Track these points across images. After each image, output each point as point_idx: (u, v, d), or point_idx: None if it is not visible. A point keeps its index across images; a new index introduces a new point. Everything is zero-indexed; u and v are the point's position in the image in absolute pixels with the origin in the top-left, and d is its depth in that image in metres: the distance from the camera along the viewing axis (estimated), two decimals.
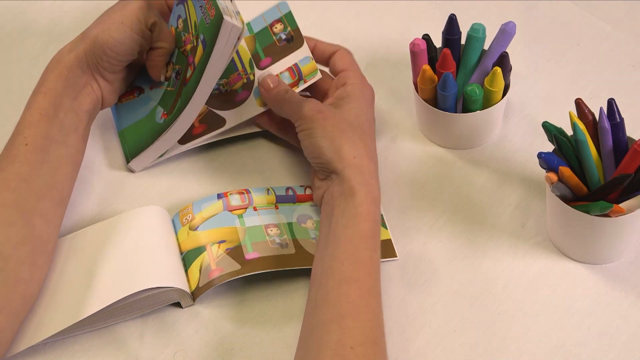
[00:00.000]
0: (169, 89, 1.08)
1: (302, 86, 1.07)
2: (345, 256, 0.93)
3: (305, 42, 1.09)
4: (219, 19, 0.99)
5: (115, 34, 1.03)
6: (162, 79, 1.09)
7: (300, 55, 1.09)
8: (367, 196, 0.96)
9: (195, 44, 1.04)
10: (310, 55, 1.09)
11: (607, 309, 0.98)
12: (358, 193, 0.96)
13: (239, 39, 1.00)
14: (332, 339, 0.88)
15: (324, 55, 1.09)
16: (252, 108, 1.09)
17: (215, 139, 1.10)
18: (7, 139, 1.12)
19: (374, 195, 0.97)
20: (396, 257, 1.02)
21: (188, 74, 1.05)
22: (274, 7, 1.12)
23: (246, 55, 1.11)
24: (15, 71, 1.20)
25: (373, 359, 0.88)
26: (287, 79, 1.07)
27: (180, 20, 1.07)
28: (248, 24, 1.13)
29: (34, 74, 1.19)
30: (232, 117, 1.09)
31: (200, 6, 1.03)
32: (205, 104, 1.09)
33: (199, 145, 1.10)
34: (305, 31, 1.20)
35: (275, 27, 1.11)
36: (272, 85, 1.05)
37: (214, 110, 1.09)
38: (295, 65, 1.08)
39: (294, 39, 1.09)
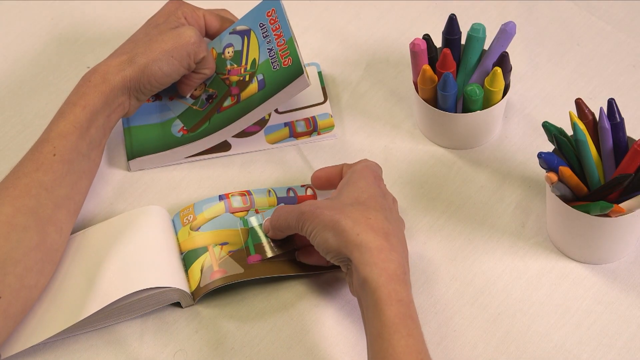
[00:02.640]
0: (195, 107, 1.10)
1: (315, 137, 1.11)
2: (380, 355, 0.86)
3: (328, 100, 1.13)
4: (297, 72, 1.04)
5: (164, 67, 1.03)
6: (188, 95, 1.10)
7: (321, 111, 1.13)
8: (380, 277, 0.88)
9: (246, 79, 1.07)
10: (331, 112, 1.12)
11: (607, 309, 0.98)
12: (369, 277, 0.88)
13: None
14: None
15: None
16: (260, 143, 1.11)
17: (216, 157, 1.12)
18: (7, 140, 1.13)
19: (389, 270, 0.89)
20: None
21: (226, 103, 1.08)
22: (305, 64, 1.13)
23: None
24: (15, 71, 1.20)
25: None
26: (301, 127, 1.11)
27: (230, 49, 1.10)
28: None
29: (34, 73, 1.19)
30: (239, 146, 1.11)
31: (270, 49, 1.06)
32: None
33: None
34: (305, 31, 1.21)
35: None
36: (265, 225, 1.01)
37: None
38: (313, 117, 1.12)
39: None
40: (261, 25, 1.09)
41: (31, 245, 0.94)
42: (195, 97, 1.10)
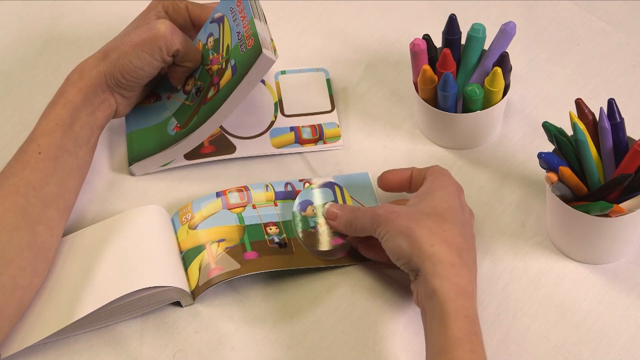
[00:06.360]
0: (187, 102, 1.09)
1: (321, 145, 1.10)
2: None
3: (336, 109, 1.13)
4: (257, 51, 1.00)
5: (134, 60, 1.03)
6: (179, 87, 1.10)
7: (328, 119, 1.12)
8: (449, 291, 0.89)
9: (223, 66, 1.05)
10: (338, 122, 1.12)
11: (607, 309, 0.98)
12: (439, 290, 0.88)
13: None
14: None
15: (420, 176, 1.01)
16: (265, 146, 1.10)
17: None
18: (7, 140, 1.13)
19: (459, 285, 0.89)
20: None
21: (210, 94, 1.06)
22: (313, 68, 1.12)
23: (273, 97, 1.13)
24: (15, 71, 1.20)
25: None
26: (307, 134, 1.11)
27: (211, 39, 1.08)
28: (283, 73, 1.16)
29: (34, 74, 1.19)
30: (243, 148, 1.10)
31: (238, 32, 1.04)
32: (220, 127, 1.11)
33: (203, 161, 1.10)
34: (305, 31, 1.21)
35: None
36: (337, 211, 1.00)
37: (227, 136, 1.11)
38: (319, 125, 1.12)
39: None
40: (231, 9, 1.06)
41: (22, 244, 0.94)
42: (187, 92, 1.10)
